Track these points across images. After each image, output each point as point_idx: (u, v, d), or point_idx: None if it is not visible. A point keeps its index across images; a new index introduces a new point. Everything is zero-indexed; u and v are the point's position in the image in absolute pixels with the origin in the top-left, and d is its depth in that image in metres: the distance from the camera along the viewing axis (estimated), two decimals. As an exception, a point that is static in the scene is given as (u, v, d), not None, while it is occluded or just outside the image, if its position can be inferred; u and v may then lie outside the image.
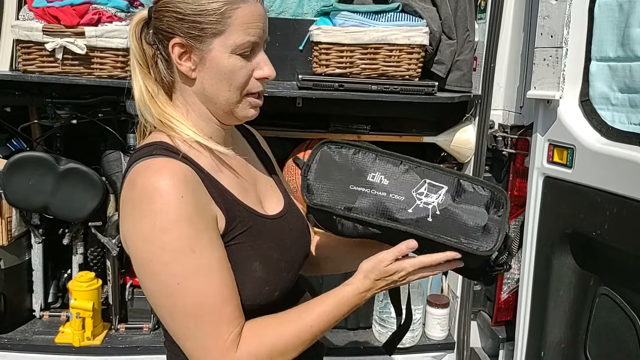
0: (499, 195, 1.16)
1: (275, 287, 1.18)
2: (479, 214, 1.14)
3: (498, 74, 2.31)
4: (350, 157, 1.22)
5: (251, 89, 1.16)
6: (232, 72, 1.12)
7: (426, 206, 1.15)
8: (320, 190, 1.21)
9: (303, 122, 2.52)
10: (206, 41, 1.11)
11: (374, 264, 1.15)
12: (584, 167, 1.79)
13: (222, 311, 1.06)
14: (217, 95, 1.15)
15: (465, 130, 2.41)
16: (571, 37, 1.83)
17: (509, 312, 2.38)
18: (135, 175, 1.07)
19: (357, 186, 1.19)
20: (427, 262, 1.14)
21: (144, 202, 1.03)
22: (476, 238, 1.13)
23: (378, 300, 2.48)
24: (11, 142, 2.47)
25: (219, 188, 1.15)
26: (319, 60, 2.17)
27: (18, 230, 2.37)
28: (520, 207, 2.27)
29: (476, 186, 1.17)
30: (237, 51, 1.11)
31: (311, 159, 1.24)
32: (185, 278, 1.03)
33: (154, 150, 1.10)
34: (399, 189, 1.17)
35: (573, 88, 1.86)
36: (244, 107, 1.17)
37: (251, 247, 1.15)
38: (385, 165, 1.20)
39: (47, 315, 2.50)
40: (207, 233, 1.07)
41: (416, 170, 1.19)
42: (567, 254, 1.91)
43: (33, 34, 2.01)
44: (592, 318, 1.81)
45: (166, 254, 1.02)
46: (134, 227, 1.05)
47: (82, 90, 2.26)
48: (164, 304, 1.06)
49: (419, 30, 2.14)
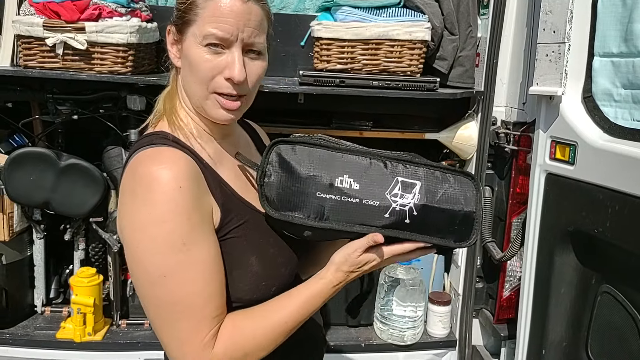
0: (469, 181, 1.15)
1: (272, 282, 1.17)
2: (455, 205, 1.13)
3: (501, 70, 2.29)
4: (310, 157, 1.11)
5: (217, 88, 1.13)
6: (197, 63, 1.12)
7: (402, 208, 1.11)
8: (284, 199, 1.11)
9: (305, 119, 2.51)
10: (185, 30, 1.14)
11: (345, 256, 1.14)
12: (586, 164, 1.77)
13: (204, 308, 1.06)
14: (189, 87, 1.17)
15: (467, 127, 2.39)
16: (574, 33, 1.81)
17: (511, 309, 2.37)
18: (136, 164, 1.07)
19: (325, 193, 1.10)
20: (398, 251, 1.14)
21: (142, 191, 1.03)
22: (453, 232, 1.13)
23: (379, 297, 2.48)
24: (13, 138, 2.48)
25: (218, 181, 1.15)
26: (319, 56, 2.16)
27: (20, 226, 2.37)
28: (523, 205, 2.26)
29: (447, 174, 1.15)
30: (204, 42, 1.11)
31: (265, 163, 1.12)
32: (172, 271, 1.03)
33: (154, 139, 1.12)
34: (371, 193, 1.11)
35: (576, 84, 1.84)
36: (212, 105, 1.15)
37: (247, 241, 1.15)
38: (351, 164, 1.12)
39: (48, 310, 2.50)
40: (201, 227, 1.06)
41: (385, 166, 1.12)
42: (569, 251, 1.89)
43: (33, 29, 2.01)
44: (594, 316, 1.79)
45: (157, 245, 1.03)
46: (130, 214, 1.05)
47: (83, 85, 2.26)
48: (147, 294, 1.07)
49: (421, 26, 2.13)
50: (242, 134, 1.38)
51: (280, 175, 1.11)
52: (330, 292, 1.16)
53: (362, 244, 1.13)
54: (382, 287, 2.46)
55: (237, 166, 1.25)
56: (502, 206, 2.37)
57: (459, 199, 1.13)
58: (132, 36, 2.06)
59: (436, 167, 1.15)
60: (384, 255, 1.14)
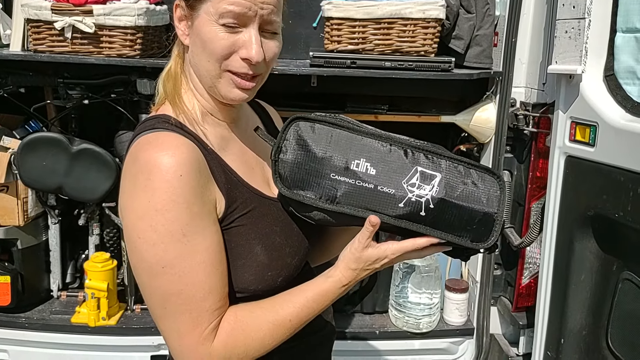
0: (494, 180, 1.07)
1: (278, 273, 1.13)
2: (475, 204, 1.05)
3: (520, 50, 2.21)
4: (328, 136, 1.07)
5: (232, 67, 1.08)
6: (210, 41, 1.06)
7: (419, 199, 1.05)
8: (297, 178, 1.08)
9: (319, 102, 2.47)
10: (197, 6, 1.07)
11: (353, 252, 1.09)
12: (607, 146, 1.70)
13: (204, 301, 1.03)
14: (200, 65, 1.11)
15: (485, 109, 2.32)
16: (595, 8, 1.73)
17: (530, 297, 2.31)
18: (137, 149, 1.04)
19: (339, 175, 1.06)
20: (410, 248, 1.08)
21: (142, 178, 1.00)
22: (471, 232, 1.05)
23: (394, 284, 2.43)
24: (29, 124, 2.49)
25: (223, 167, 1.11)
26: (330, 36, 2.11)
27: (35, 211, 2.40)
28: (543, 189, 2.19)
29: (471, 170, 1.07)
30: (220, 21, 1.05)
31: (282, 138, 1.08)
32: (171, 263, 1.00)
33: (156, 123, 1.08)
34: (388, 179, 1.05)
35: (597, 62, 1.77)
36: (226, 84, 1.10)
37: (252, 230, 1.11)
38: (370, 148, 1.07)
39: (64, 295, 2.53)
40: (202, 217, 1.03)
41: (406, 154, 1.07)
42: (589, 237, 1.82)
43: (42, 13, 2.00)
44: (615, 304, 1.73)
45: (156, 235, 0.99)
46: (130, 201, 1.02)
47: (94, 69, 2.26)
48: (146, 283, 1.04)
49: (435, 4, 2.06)
50: (252, 116, 1.33)
51: (296, 153, 1.07)
52: (339, 291, 1.11)
53: (363, 234, 1.08)
54: (397, 274, 2.41)
55: (245, 151, 1.21)
56: (521, 191, 2.30)
57: (480, 198, 1.06)
58: (140, 19, 2.04)
59: (460, 161, 1.08)
60: (394, 251, 1.08)
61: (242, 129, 1.24)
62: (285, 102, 2.38)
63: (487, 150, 2.38)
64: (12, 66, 2.23)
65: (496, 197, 1.06)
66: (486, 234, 1.05)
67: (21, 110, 2.44)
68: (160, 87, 1.18)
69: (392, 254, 1.08)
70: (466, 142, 2.50)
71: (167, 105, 1.14)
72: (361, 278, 1.12)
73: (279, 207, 1.18)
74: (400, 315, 2.41)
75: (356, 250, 1.09)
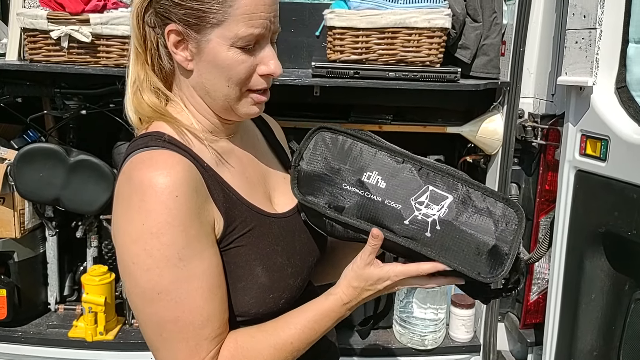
0: (513, 212, 1.01)
1: (280, 295, 1.09)
2: (486, 233, 1.00)
3: (528, 59, 2.15)
4: (348, 148, 1.09)
5: (253, 86, 1.05)
6: (230, 67, 1.02)
7: (425, 219, 1.01)
8: (312, 185, 1.09)
9: (322, 112, 2.41)
10: (204, 31, 1.01)
11: (355, 269, 1.06)
12: (619, 161, 1.64)
13: (203, 328, 0.98)
14: (215, 91, 1.05)
15: (492, 120, 2.26)
16: (606, 18, 1.67)
17: (538, 314, 2.24)
18: (131, 169, 0.99)
19: (350, 186, 1.06)
20: (414, 272, 1.03)
21: (136, 199, 0.95)
22: (480, 262, 0.99)
23: (398, 299, 2.37)
24: (27, 134, 2.46)
25: (221, 184, 1.06)
26: (333, 46, 2.05)
27: (32, 223, 2.35)
28: (552, 203, 2.13)
29: (487, 198, 1.02)
30: (238, 44, 1.00)
31: (305, 146, 1.11)
32: (167, 289, 0.96)
33: (150, 140, 1.02)
34: (396, 194, 1.04)
35: (608, 73, 1.71)
36: (245, 104, 1.07)
37: (252, 250, 1.06)
38: (384, 163, 1.06)
39: (62, 308, 2.48)
40: (200, 240, 0.98)
41: (419, 172, 1.04)
42: (600, 254, 1.76)
43: (38, 22, 1.96)
44: (627, 325, 1.67)
45: (151, 259, 0.95)
46: (123, 224, 0.98)
47: (92, 79, 2.21)
48: (141, 310, 0.99)
49: (441, 13, 2.00)
50: (252, 130, 1.29)
51: (314, 161, 1.10)
52: (342, 310, 1.07)
53: (366, 249, 1.04)
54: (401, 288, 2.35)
55: (245, 166, 1.16)
56: (529, 205, 2.24)
57: (492, 228, 1.00)
58: (138, 28, 1.99)
59: (478, 187, 1.03)
60: (397, 274, 1.04)
61: (243, 143, 1.19)
62: (287, 112, 2.34)
63: (494, 162, 2.32)
64: (8, 76, 2.19)
65: (512, 231, 1.00)
66: (496, 268, 0.99)
67: (19, 120, 2.40)
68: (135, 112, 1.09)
69: (395, 276, 1.04)
70: (473, 153, 2.44)
71: (160, 122, 1.08)
72: (364, 299, 1.07)
73: (281, 224, 1.14)
74: (405, 331, 2.35)
75: (358, 267, 1.05)
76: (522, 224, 1.01)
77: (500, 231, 1.00)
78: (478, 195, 1.02)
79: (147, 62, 1.09)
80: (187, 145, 1.05)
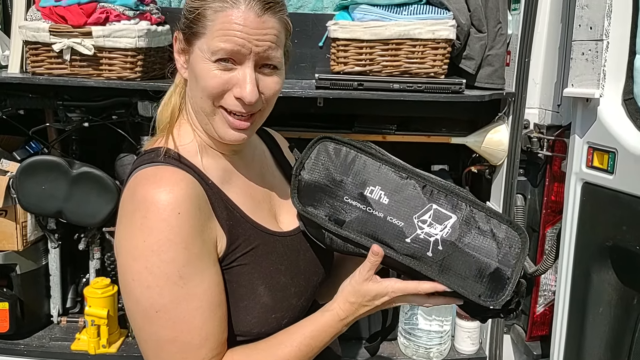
0: (516, 234, 0.99)
1: (283, 315, 1.07)
2: (489, 256, 0.98)
3: (533, 70, 2.13)
4: (351, 160, 1.07)
5: (226, 105, 1.04)
6: (203, 78, 1.02)
7: (428, 238, 0.99)
8: (313, 196, 1.07)
9: (325, 123, 2.40)
10: (193, 41, 1.04)
11: (353, 284, 1.04)
12: (627, 173, 1.62)
13: (201, 348, 0.97)
14: (195, 103, 1.07)
15: (497, 131, 2.24)
16: (613, 29, 1.65)
17: (544, 326, 2.22)
18: (135, 184, 0.99)
19: (352, 199, 1.04)
20: (412, 290, 1.01)
21: (139, 216, 0.95)
22: (481, 285, 0.97)
23: (403, 311, 2.35)
24: (30, 145, 2.45)
25: (225, 202, 1.05)
26: (336, 57, 2.04)
27: (34, 235, 2.34)
28: (558, 214, 2.10)
29: (491, 220, 1.00)
30: (212, 58, 1.01)
31: (307, 155, 1.09)
32: (166, 307, 0.95)
33: (155, 157, 1.03)
34: (398, 211, 1.02)
35: (615, 85, 1.69)
36: (220, 123, 1.05)
37: (255, 269, 1.05)
38: (388, 178, 1.04)
39: (65, 320, 2.48)
40: (201, 258, 0.97)
41: (423, 189, 1.02)
42: (608, 268, 1.74)
43: (40, 35, 1.95)
44: (635, 340, 1.65)
45: (152, 277, 0.94)
46: (125, 241, 0.97)
47: (95, 92, 2.20)
48: (140, 329, 0.98)
49: (445, 24, 1.99)
50: (258, 145, 1.27)
51: (316, 171, 1.08)
52: (338, 326, 1.06)
53: (365, 265, 1.03)
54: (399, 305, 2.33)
55: (250, 184, 1.15)
56: (535, 216, 2.22)
57: (495, 251, 0.98)
58: (141, 40, 1.98)
59: (482, 207, 1.01)
60: (396, 290, 1.03)
61: (248, 160, 1.18)
62: (291, 123, 2.33)
63: (500, 173, 2.30)
64: (11, 88, 2.18)
65: (515, 255, 0.98)
66: (497, 292, 0.97)
67: (21, 132, 2.39)
68: (159, 117, 1.14)
69: (392, 292, 1.03)
70: (477, 163, 2.42)
71: (166, 137, 1.09)
72: (361, 314, 1.06)
73: (286, 242, 1.12)
74: (410, 344, 2.33)
75: (356, 282, 1.04)
76: (526, 248, 0.99)
77: (503, 255, 0.98)
78: (482, 216, 1.01)
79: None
80: (192, 162, 1.05)
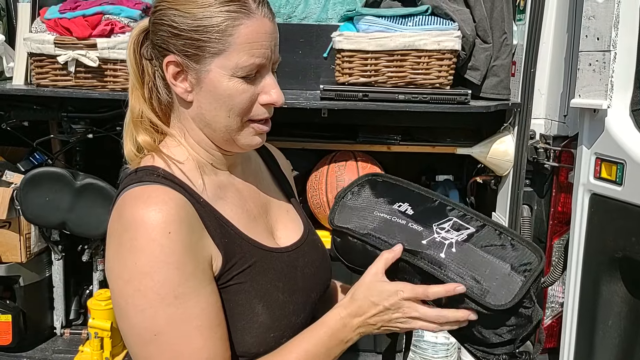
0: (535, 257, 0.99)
1: (281, 334, 1.04)
2: (501, 261, 0.97)
3: (539, 80, 2.12)
4: (388, 188, 1.17)
5: (255, 116, 1.02)
6: (231, 97, 0.98)
7: (443, 241, 1.00)
8: (346, 219, 1.14)
9: (329, 133, 2.39)
10: (204, 61, 0.98)
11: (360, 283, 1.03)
12: (636, 185, 1.60)
13: None
14: (216, 122, 1.02)
15: (503, 141, 2.23)
16: (620, 40, 1.64)
17: (552, 338, 2.19)
18: (122, 205, 0.95)
19: (380, 212, 1.11)
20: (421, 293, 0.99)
21: (127, 237, 0.91)
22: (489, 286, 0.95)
23: (409, 323, 2.33)
24: (34, 156, 2.45)
25: (218, 219, 1.01)
26: (341, 68, 2.04)
27: (37, 247, 2.33)
28: (565, 225, 2.09)
29: (509, 238, 1.02)
30: (239, 74, 0.97)
31: (352, 185, 1.20)
32: (163, 330, 0.91)
33: (144, 175, 0.98)
34: (419, 219, 1.06)
35: (623, 96, 1.68)
36: (247, 134, 1.03)
37: (253, 287, 1.02)
38: (418, 197, 1.12)
39: (68, 332, 2.47)
40: (196, 277, 0.94)
41: (448, 209, 1.08)
42: (617, 280, 1.73)
43: (45, 47, 1.95)
44: (646, 354, 1.63)
45: (145, 300, 0.90)
46: (115, 264, 0.94)
47: (99, 103, 2.20)
48: (138, 352, 0.95)
49: (450, 35, 1.98)
50: (255, 160, 1.24)
51: (356, 200, 1.17)
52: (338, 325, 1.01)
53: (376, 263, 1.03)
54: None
55: (245, 199, 1.11)
56: (542, 227, 2.20)
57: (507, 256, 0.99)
58: (146, 52, 1.97)
59: (502, 229, 1.04)
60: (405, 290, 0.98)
61: (245, 174, 1.15)
62: (295, 133, 2.32)
63: (505, 184, 2.28)
64: (15, 100, 2.18)
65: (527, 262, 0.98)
66: (504, 297, 0.95)
67: (25, 143, 2.39)
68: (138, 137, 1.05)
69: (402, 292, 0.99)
70: (483, 173, 2.41)
71: (155, 156, 1.03)
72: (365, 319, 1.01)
73: (283, 259, 1.09)
74: (415, 356, 2.31)
75: (364, 281, 1.02)
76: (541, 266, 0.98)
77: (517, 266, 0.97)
78: (500, 233, 1.03)
79: (144, 97, 1.06)
80: (182, 180, 1.01)
